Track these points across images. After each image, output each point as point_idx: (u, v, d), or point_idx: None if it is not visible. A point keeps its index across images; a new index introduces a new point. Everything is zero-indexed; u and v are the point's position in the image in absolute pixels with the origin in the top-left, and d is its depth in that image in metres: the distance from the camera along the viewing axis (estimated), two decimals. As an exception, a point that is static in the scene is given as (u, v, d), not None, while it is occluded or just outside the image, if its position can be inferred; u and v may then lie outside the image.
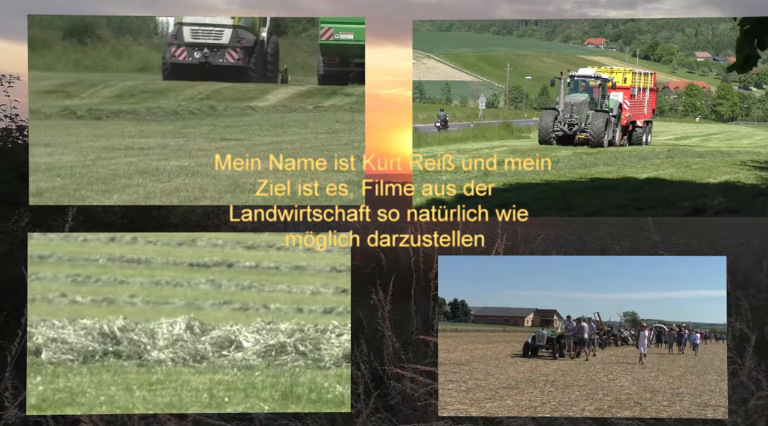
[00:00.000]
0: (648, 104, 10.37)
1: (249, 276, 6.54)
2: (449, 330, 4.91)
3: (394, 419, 4.79)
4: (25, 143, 7.71)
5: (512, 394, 4.53)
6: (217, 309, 5.75)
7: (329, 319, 5.30)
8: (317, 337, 5.09)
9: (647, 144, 9.98)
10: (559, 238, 10.56)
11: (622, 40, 11.46)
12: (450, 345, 4.84)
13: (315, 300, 5.93)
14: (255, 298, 6.00)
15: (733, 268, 5.92)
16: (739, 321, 5.14)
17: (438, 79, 11.89)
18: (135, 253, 6.70)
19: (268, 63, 10.89)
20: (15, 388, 4.53)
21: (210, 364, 4.87)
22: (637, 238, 11.14)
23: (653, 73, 10.43)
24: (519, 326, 5.36)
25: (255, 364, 4.87)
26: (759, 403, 4.52)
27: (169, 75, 10.00)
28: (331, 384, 4.71)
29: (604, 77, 10.52)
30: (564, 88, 10.47)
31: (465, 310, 4.97)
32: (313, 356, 4.94)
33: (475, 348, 5.42)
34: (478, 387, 4.62)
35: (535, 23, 12.65)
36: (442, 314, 4.97)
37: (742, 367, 4.75)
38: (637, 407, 4.44)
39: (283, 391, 4.60)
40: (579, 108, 10.06)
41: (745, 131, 9.87)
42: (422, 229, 5.46)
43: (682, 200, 6.02)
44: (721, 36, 11.88)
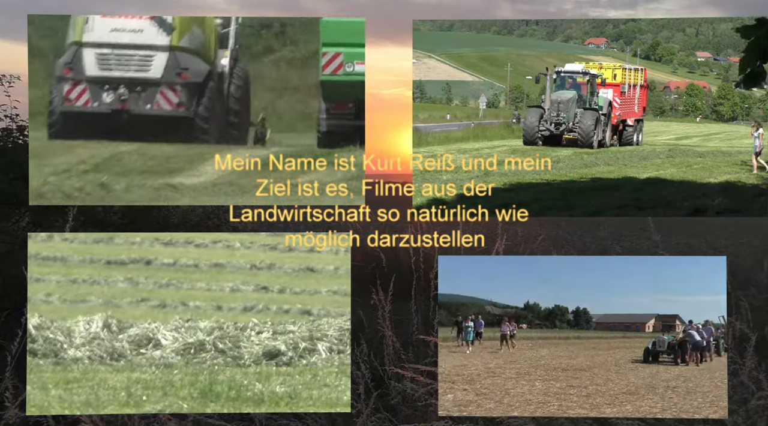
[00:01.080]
0: (638, 102, 10.14)
1: (167, 274, 6.38)
2: (572, 337, 4.96)
3: (394, 419, 4.78)
4: (25, 143, 7.71)
5: (632, 399, 4.50)
6: (134, 307, 5.66)
7: (249, 317, 5.27)
8: (237, 335, 5.05)
9: (638, 144, 9.70)
10: (559, 238, 10.54)
11: (623, 40, 11.43)
12: (572, 352, 4.89)
13: (234, 297, 5.89)
14: (173, 296, 5.91)
15: (733, 268, 5.91)
16: (739, 321, 5.13)
17: (439, 78, 11.86)
18: (51, 251, 6.50)
19: (231, 110, 6.88)
20: (15, 388, 4.53)
21: (128, 363, 4.83)
22: (638, 238, 11.14)
23: (643, 68, 10.31)
24: (640, 332, 5.31)
25: (173, 363, 4.82)
26: (759, 403, 4.52)
27: (58, 131, 6.36)
28: (251, 381, 4.65)
29: (592, 73, 10.10)
30: (550, 84, 10.07)
31: (587, 317, 4.96)
32: (233, 354, 4.91)
33: (596, 354, 5.39)
34: (599, 392, 4.60)
35: (536, 23, 12.64)
36: (565, 322, 4.99)
37: (742, 367, 4.75)
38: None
39: (202, 389, 4.56)
40: (566, 106, 9.62)
41: (746, 131, 9.79)
42: (422, 229, 5.46)
43: (683, 200, 6.02)
44: (721, 36, 11.87)
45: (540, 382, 4.67)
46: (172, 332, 5.05)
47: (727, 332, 4.95)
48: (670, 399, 4.49)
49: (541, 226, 9.85)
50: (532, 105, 9.98)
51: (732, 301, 5.29)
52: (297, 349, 4.98)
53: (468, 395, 4.54)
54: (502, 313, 5.11)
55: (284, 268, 6.53)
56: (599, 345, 5.41)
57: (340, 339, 4.99)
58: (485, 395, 4.51)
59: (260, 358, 4.88)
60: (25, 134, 7.91)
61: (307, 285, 6.10)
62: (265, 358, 4.90)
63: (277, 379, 4.70)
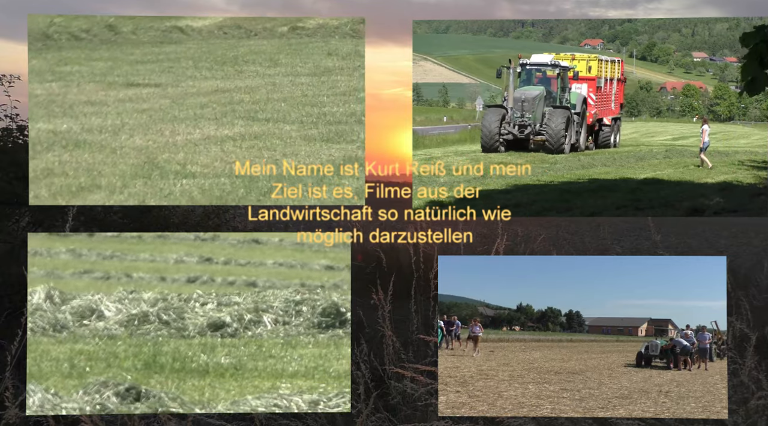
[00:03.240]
0: (615, 98, 9.15)
1: (110, 245, 6.34)
2: (565, 340, 4.94)
3: (394, 419, 4.78)
4: (25, 143, 7.69)
5: (625, 404, 4.50)
6: (77, 278, 5.62)
7: (193, 288, 5.24)
8: (181, 307, 5.03)
9: (615, 146, 8.81)
10: (559, 238, 10.50)
11: (619, 40, 11.43)
12: (565, 354, 4.88)
13: (178, 268, 5.85)
14: (117, 267, 5.88)
15: (733, 268, 5.92)
16: (739, 321, 5.14)
17: (435, 81, 11.86)
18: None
19: None
20: (15, 388, 4.52)
21: (70, 334, 4.80)
22: (638, 238, 11.14)
23: (620, 60, 9.44)
24: (633, 336, 5.32)
25: (117, 334, 4.80)
26: (759, 402, 4.52)
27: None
28: (195, 353, 4.62)
29: (563, 65, 8.80)
30: (514, 79, 8.77)
31: (580, 320, 4.95)
32: (177, 325, 4.89)
33: (590, 357, 5.40)
34: (592, 396, 4.60)
35: (532, 24, 12.66)
36: (558, 325, 4.98)
37: (742, 367, 4.75)
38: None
39: (146, 360, 4.53)
40: (532, 104, 8.33)
41: (743, 131, 9.83)
42: (422, 230, 5.46)
43: (681, 200, 6.03)
44: (717, 36, 11.90)
45: (533, 385, 4.67)
46: (116, 304, 5.02)
47: (719, 337, 4.97)
48: (663, 404, 4.49)
49: (541, 226, 9.77)
50: (491, 104, 8.68)
51: (732, 301, 5.30)
52: (242, 321, 4.94)
53: (461, 397, 4.54)
54: (495, 314, 5.11)
55: (228, 239, 6.47)
56: (592, 348, 5.43)
57: (285, 310, 4.94)
58: (478, 397, 4.50)
59: (205, 329, 4.84)
60: (25, 134, 7.89)
61: (252, 257, 6.06)
62: (210, 330, 4.86)
63: (222, 351, 4.67)
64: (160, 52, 6.77)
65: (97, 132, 5.64)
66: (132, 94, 6.22)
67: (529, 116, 8.16)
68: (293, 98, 6.14)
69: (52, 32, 5.30)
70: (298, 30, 6.31)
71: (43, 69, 5.32)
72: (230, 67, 6.64)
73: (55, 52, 6.50)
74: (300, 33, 6.34)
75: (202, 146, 5.36)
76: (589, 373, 5.03)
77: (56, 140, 5.38)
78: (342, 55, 6.27)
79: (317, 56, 6.68)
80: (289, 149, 5.21)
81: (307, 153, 5.15)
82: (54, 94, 6.08)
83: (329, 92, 6.18)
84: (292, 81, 6.46)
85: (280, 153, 5.15)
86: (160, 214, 8.24)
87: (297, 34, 6.41)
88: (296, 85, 6.39)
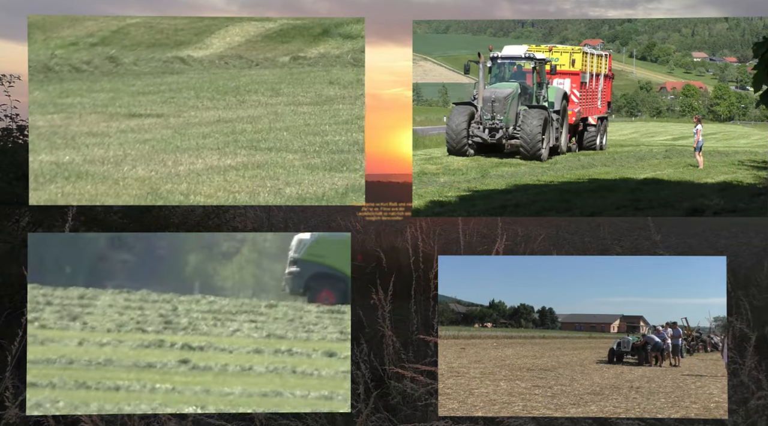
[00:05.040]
0: (602, 95, 8.38)
1: None
2: (537, 337, 4.94)
3: (394, 419, 4.78)
4: (25, 143, 7.69)
5: (596, 400, 4.49)
6: None
7: None
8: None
9: (602, 148, 8.09)
10: (559, 238, 10.51)
11: (619, 41, 11.41)
12: (537, 351, 4.86)
13: None
14: None
15: (733, 267, 5.92)
16: (739, 321, 5.14)
17: (435, 81, 11.85)
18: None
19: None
20: (15, 388, 4.52)
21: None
22: (638, 238, 11.14)
23: (608, 54, 8.69)
24: (605, 332, 5.33)
25: None
26: (759, 402, 4.52)
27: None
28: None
29: (540, 58, 7.78)
30: (484, 75, 7.87)
31: (552, 317, 4.94)
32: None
33: (562, 354, 5.40)
34: (564, 392, 4.59)
35: (532, 24, 12.65)
36: (530, 322, 4.97)
37: (742, 367, 4.75)
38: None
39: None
40: (503, 104, 7.38)
41: (743, 131, 9.82)
42: (422, 229, 5.46)
43: (681, 200, 6.04)
44: (717, 36, 11.89)
45: (505, 382, 4.66)
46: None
47: (689, 333, 5.00)
48: (633, 399, 4.49)
49: (541, 226, 9.77)
50: (458, 101, 7.75)
51: (732, 301, 5.30)
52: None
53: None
54: (467, 311, 5.09)
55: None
56: (564, 345, 5.43)
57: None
58: (448, 395, 4.47)
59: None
60: (25, 134, 7.88)
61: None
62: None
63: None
64: (161, 82, 6.84)
65: (99, 163, 5.69)
66: (134, 125, 6.23)
67: (500, 118, 7.31)
68: (295, 127, 6.12)
69: (53, 64, 5.31)
70: (299, 59, 6.34)
71: (44, 101, 5.34)
72: (232, 97, 6.64)
73: (57, 83, 6.62)
74: (301, 62, 6.37)
75: (204, 176, 5.42)
76: (561, 370, 5.03)
77: (59, 171, 5.43)
78: (343, 83, 6.13)
79: (319, 85, 6.63)
80: (291, 178, 5.22)
81: (311, 182, 5.16)
82: (56, 126, 6.12)
83: (331, 121, 6.14)
84: (294, 110, 6.43)
85: (283, 182, 5.16)
86: (160, 214, 8.24)
87: (298, 63, 6.44)
88: (298, 114, 6.37)
